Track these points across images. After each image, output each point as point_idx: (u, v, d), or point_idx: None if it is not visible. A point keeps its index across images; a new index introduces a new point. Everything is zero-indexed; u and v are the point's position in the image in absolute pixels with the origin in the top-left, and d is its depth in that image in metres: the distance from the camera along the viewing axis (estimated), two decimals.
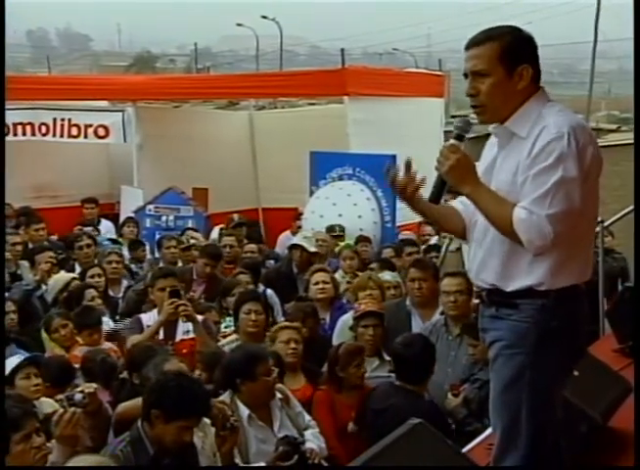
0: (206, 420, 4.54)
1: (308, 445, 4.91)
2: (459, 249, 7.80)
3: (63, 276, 8.04)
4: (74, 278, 7.93)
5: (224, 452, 4.51)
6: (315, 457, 4.87)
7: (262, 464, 4.69)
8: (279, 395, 5.09)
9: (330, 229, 10.06)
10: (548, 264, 3.18)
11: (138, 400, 4.48)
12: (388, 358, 6.11)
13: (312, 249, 8.80)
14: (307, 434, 5.06)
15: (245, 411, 4.88)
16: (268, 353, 5.24)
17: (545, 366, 3.24)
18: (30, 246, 9.52)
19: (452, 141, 3.31)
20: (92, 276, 7.97)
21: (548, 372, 3.25)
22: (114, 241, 10.41)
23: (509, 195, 3.18)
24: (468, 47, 3.28)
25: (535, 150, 3.12)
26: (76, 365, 5.81)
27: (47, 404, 4.98)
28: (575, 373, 4.30)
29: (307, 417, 5.22)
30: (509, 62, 3.20)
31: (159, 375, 4.53)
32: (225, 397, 4.92)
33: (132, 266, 9.56)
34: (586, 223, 3.28)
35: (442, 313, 6.33)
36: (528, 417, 3.27)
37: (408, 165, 3.36)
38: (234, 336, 6.38)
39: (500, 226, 3.18)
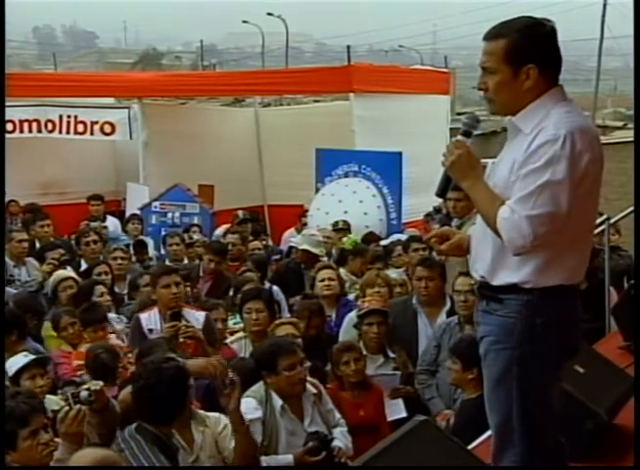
0: (207, 414, 4.56)
1: (336, 442, 4.92)
2: None
3: (59, 274, 7.79)
4: (68, 278, 7.63)
5: (231, 410, 4.49)
6: (342, 456, 4.88)
7: (289, 456, 4.75)
8: (313, 389, 5.07)
9: (334, 224, 10.05)
10: (535, 264, 3.19)
11: None
12: (392, 356, 6.11)
13: (303, 246, 8.63)
14: (336, 432, 5.05)
15: (278, 402, 4.89)
16: (296, 348, 5.11)
17: (532, 362, 3.23)
18: (37, 243, 9.52)
19: (459, 137, 3.33)
20: (99, 274, 7.97)
21: (536, 368, 3.24)
22: None
23: (504, 191, 3.19)
24: (484, 39, 3.28)
25: (530, 149, 3.12)
26: (82, 362, 5.82)
27: (52, 402, 4.99)
28: (581, 370, 4.31)
29: (337, 415, 5.20)
30: (514, 61, 3.19)
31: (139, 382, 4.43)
32: (259, 386, 4.94)
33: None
34: (578, 226, 3.23)
35: (449, 312, 6.34)
36: (520, 413, 3.27)
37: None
38: (242, 333, 6.39)
39: (489, 223, 3.20)
